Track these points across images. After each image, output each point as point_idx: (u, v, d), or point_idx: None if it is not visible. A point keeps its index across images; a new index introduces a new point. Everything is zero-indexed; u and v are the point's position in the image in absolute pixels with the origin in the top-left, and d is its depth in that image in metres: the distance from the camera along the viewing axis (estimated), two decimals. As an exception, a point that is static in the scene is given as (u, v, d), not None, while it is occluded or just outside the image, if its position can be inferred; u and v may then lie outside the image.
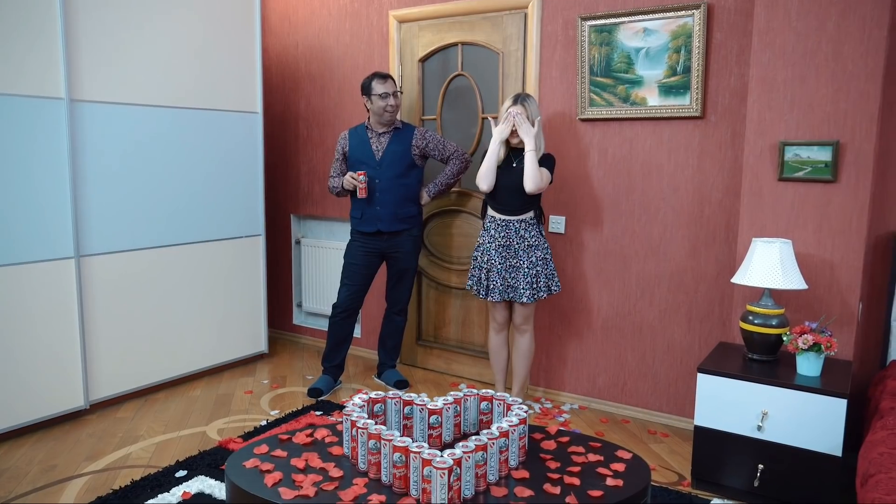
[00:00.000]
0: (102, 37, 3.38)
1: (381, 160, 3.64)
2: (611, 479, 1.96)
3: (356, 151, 3.69)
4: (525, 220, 3.27)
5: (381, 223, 3.66)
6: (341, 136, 3.79)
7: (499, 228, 3.30)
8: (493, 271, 3.31)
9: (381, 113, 3.60)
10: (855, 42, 2.69)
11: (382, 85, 3.58)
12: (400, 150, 3.65)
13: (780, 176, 2.87)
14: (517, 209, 3.27)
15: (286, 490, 1.87)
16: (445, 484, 1.75)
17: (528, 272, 3.25)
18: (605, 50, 3.38)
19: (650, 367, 3.48)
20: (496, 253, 3.29)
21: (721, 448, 2.69)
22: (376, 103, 3.59)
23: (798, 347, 2.60)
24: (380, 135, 3.67)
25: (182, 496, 2.65)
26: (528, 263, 3.25)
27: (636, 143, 3.39)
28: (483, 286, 3.36)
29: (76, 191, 3.32)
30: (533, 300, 3.28)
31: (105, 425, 3.35)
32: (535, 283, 3.26)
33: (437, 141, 3.71)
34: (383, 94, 3.57)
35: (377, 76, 3.60)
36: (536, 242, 3.27)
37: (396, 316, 3.93)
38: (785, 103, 2.84)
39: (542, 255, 3.28)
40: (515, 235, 3.27)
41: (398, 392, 2.26)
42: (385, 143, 3.66)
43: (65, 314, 3.32)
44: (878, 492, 1.91)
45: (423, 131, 3.71)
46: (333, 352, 3.83)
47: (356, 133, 3.74)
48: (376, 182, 3.63)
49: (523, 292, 3.26)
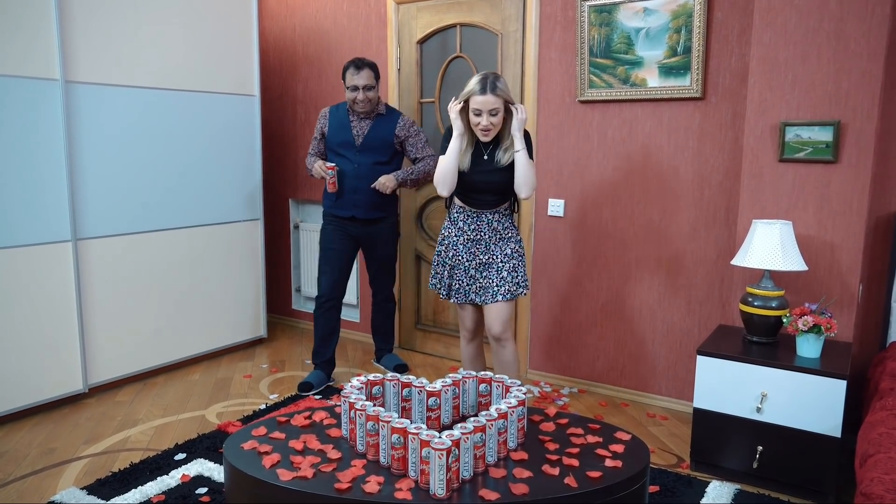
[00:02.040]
0: (98, 18, 3.34)
1: (361, 146, 3.47)
2: (609, 461, 1.96)
3: (335, 134, 3.50)
4: (499, 211, 2.87)
5: (358, 210, 3.49)
6: (322, 113, 3.60)
7: (468, 220, 2.87)
8: (459, 269, 2.90)
9: (350, 104, 3.45)
10: (857, 20, 2.65)
11: (355, 76, 3.36)
12: (381, 137, 3.48)
13: (781, 157, 2.85)
14: (492, 204, 2.85)
15: (284, 471, 1.87)
16: (444, 465, 1.75)
17: (502, 266, 2.84)
18: (605, 30, 3.34)
19: (649, 350, 3.48)
20: (464, 248, 2.88)
21: (720, 430, 2.69)
22: (347, 94, 3.42)
23: (798, 329, 2.59)
24: (362, 118, 3.49)
25: (181, 479, 2.65)
26: (503, 257, 2.85)
27: (636, 124, 3.36)
28: (445, 285, 2.96)
29: (72, 173, 3.30)
30: (511, 297, 2.83)
31: (104, 409, 3.35)
32: (512, 278, 2.84)
33: (419, 138, 3.55)
34: (353, 87, 3.37)
35: (353, 64, 3.39)
36: (509, 234, 2.88)
37: (386, 303, 3.83)
38: (786, 83, 2.81)
39: (516, 248, 2.88)
40: (487, 228, 2.85)
41: (396, 374, 2.25)
42: (366, 129, 3.47)
43: (63, 298, 3.31)
44: (877, 471, 1.91)
45: (408, 122, 3.54)
46: (322, 346, 3.66)
47: (337, 113, 3.54)
48: (355, 166, 3.45)
49: (498, 289, 2.83)
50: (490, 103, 2.65)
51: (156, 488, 2.58)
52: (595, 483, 1.84)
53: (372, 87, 3.40)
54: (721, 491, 2.61)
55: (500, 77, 2.71)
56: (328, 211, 3.58)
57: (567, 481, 1.84)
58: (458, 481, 1.82)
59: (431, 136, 4.05)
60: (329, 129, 3.54)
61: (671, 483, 2.66)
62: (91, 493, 2.54)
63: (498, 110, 2.67)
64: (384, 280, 3.76)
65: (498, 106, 2.66)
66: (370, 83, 3.39)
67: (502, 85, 2.68)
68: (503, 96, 2.67)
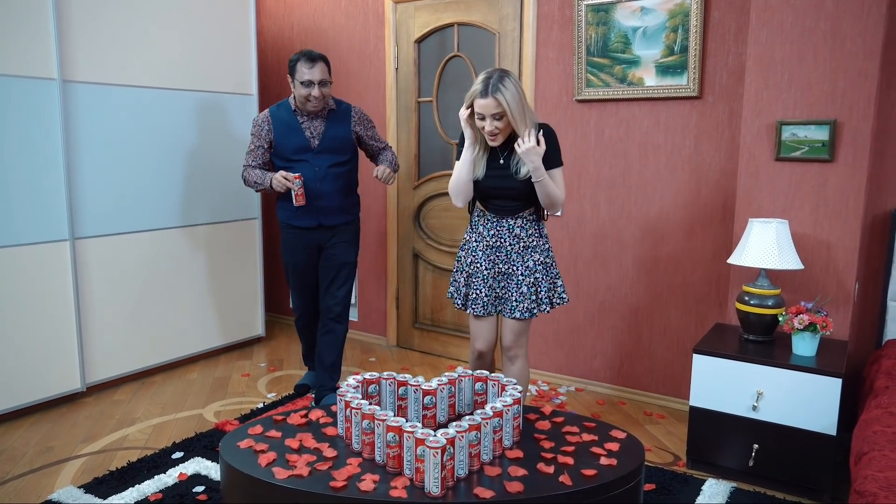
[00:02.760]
0: (95, 17, 3.34)
1: (318, 147, 3.12)
2: (604, 459, 1.96)
3: (286, 139, 3.11)
4: (523, 216, 2.58)
5: (325, 217, 3.17)
6: (260, 118, 3.15)
7: (488, 225, 2.60)
8: (478, 277, 2.62)
9: (302, 102, 3.06)
10: (854, 19, 2.66)
11: (309, 70, 3.00)
12: (340, 135, 3.16)
13: (777, 156, 2.85)
14: (513, 210, 2.58)
15: (280, 470, 1.87)
16: (439, 463, 1.75)
17: (522, 280, 2.56)
18: (602, 30, 3.34)
19: (647, 348, 3.48)
20: (483, 255, 2.61)
21: (716, 428, 2.70)
22: (298, 89, 3.04)
23: (793, 328, 2.59)
24: (312, 118, 3.13)
25: (178, 477, 2.65)
26: (524, 269, 2.56)
27: (633, 123, 3.37)
28: (461, 294, 2.68)
29: (70, 172, 3.30)
30: (529, 315, 2.57)
31: (102, 407, 3.36)
32: (533, 294, 2.57)
33: (374, 129, 3.32)
34: (306, 83, 3.01)
35: (305, 56, 3.03)
36: (535, 243, 2.58)
37: (335, 324, 3.28)
38: (782, 82, 2.82)
39: (542, 259, 2.58)
40: (509, 235, 2.57)
41: (392, 373, 2.25)
42: (321, 128, 3.13)
43: (61, 297, 3.32)
44: (871, 469, 1.92)
45: (361, 113, 3.26)
46: (311, 351, 3.58)
47: (279, 116, 3.14)
48: (315, 170, 3.11)
49: (516, 305, 2.56)
50: (491, 107, 2.37)
51: (153, 487, 2.58)
52: (589, 481, 1.84)
53: (327, 83, 3.07)
54: (717, 489, 2.62)
55: (508, 75, 2.41)
56: (286, 221, 3.23)
57: (562, 479, 1.84)
58: (453, 479, 1.82)
59: (429, 134, 4.06)
60: (276, 135, 3.14)
61: (667, 481, 2.66)
62: (88, 492, 2.55)
63: (502, 114, 2.38)
64: (338, 292, 3.27)
65: (500, 109, 2.37)
66: (326, 78, 3.05)
67: (508, 85, 2.37)
68: (505, 98, 2.36)
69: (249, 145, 3.21)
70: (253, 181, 3.17)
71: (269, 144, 3.17)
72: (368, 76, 4.23)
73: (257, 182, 3.15)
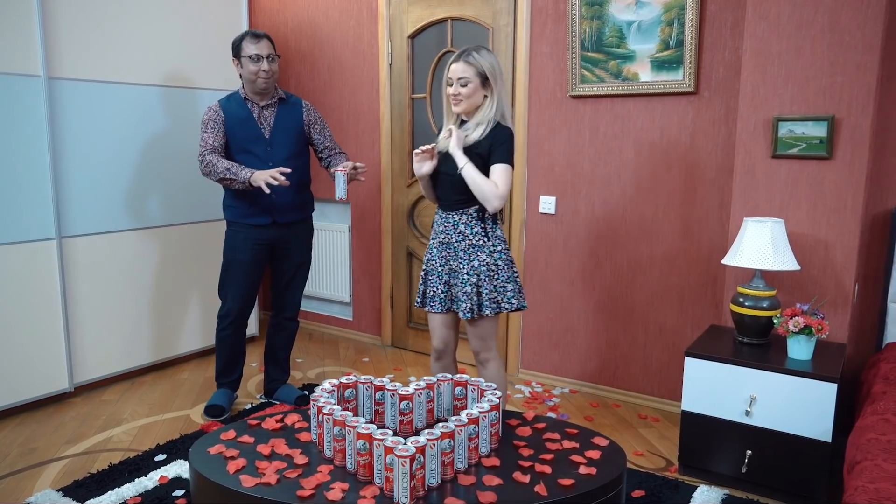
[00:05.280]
0: (82, 11, 3.30)
1: (271, 138, 3.07)
2: (584, 468, 1.90)
3: (237, 128, 3.04)
4: (468, 213, 2.53)
5: (278, 213, 3.09)
6: (211, 108, 3.07)
7: (440, 221, 2.60)
8: (433, 274, 2.62)
9: (252, 79, 3.00)
10: (852, 11, 2.57)
11: (255, 45, 2.98)
12: (292, 126, 3.11)
13: (774, 153, 2.77)
14: (458, 204, 2.54)
15: (247, 477, 1.83)
16: (407, 472, 1.69)
17: (466, 279, 2.51)
18: (597, 24, 3.26)
19: (641, 350, 3.41)
20: (437, 252, 2.60)
21: (709, 433, 2.62)
22: (247, 66, 2.99)
23: (788, 330, 2.51)
24: (262, 107, 3.07)
25: (159, 480, 2.61)
26: (469, 268, 2.51)
27: (628, 120, 3.29)
28: (420, 291, 2.69)
29: (56, 170, 3.26)
30: (471, 315, 2.51)
31: (89, 408, 3.33)
32: (475, 296, 2.51)
33: (326, 125, 3.23)
34: (255, 57, 2.97)
35: (250, 34, 3.00)
36: (481, 242, 2.51)
37: (291, 322, 3.33)
38: (779, 77, 2.73)
39: (489, 260, 2.50)
40: (454, 231, 2.53)
41: (370, 377, 2.20)
42: (272, 118, 3.07)
43: (47, 296, 3.29)
44: (862, 479, 1.84)
45: (312, 107, 3.21)
46: (230, 366, 3.28)
47: (231, 105, 3.07)
48: (269, 164, 3.00)
49: (460, 304, 2.53)
50: (458, 72, 2.43)
51: (132, 490, 2.54)
52: (566, 491, 1.78)
53: (275, 59, 3.04)
54: (709, 496, 2.54)
55: (486, 50, 2.47)
56: (236, 219, 3.12)
57: (537, 489, 1.78)
58: (423, 489, 1.76)
59: (423, 131, 3.99)
60: (227, 122, 3.04)
61: (658, 487, 2.59)
62: (67, 495, 2.51)
63: (468, 81, 2.42)
64: (295, 293, 3.29)
65: (468, 76, 2.42)
66: (273, 52, 3.02)
67: (480, 56, 2.43)
68: (475, 65, 2.42)
69: (202, 135, 3.05)
70: (222, 168, 2.95)
71: (224, 133, 3.06)
72: (362, 72, 4.17)
73: (229, 170, 2.94)
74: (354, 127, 4.26)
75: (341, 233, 4.43)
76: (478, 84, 2.45)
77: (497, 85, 2.47)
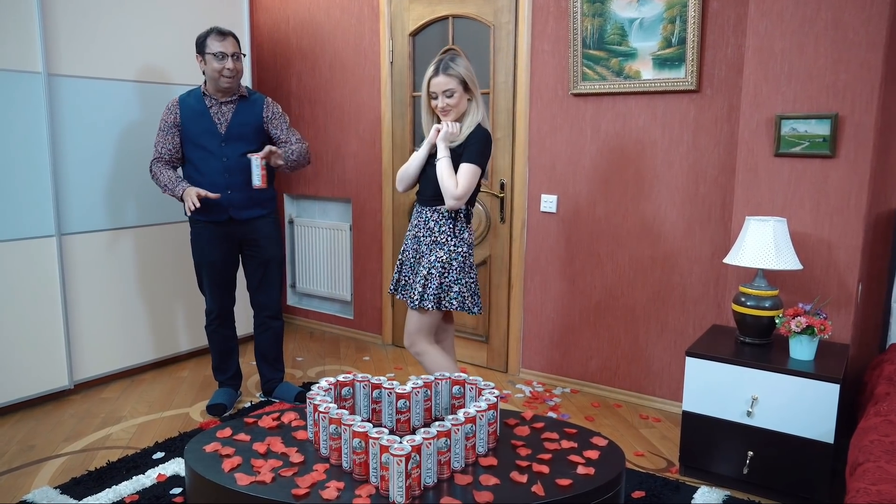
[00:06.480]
0: (82, 8, 3.30)
1: (226, 134, 3.03)
2: (582, 468, 1.88)
3: (192, 122, 3.01)
4: (439, 210, 2.62)
5: (235, 210, 3.06)
6: (170, 104, 3.06)
7: (415, 214, 2.73)
8: (406, 264, 2.74)
9: (215, 77, 2.96)
10: (856, 8, 2.54)
11: (220, 43, 2.94)
12: (249, 123, 3.07)
13: (777, 151, 2.75)
14: (430, 200, 2.66)
15: (242, 476, 1.81)
16: (403, 471, 1.68)
17: (420, 271, 2.63)
18: (598, 21, 3.24)
19: (643, 350, 3.38)
20: (410, 243, 2.73)
21: (710, 434, 2.60)
22: (210, 64, 2.95)
23: (790, 330, 2.49)
24: (221, 103, 3.03)
25: (157, 478, 2.60)
26: (427, 262, 2.61)
27: (630, 118, 3.27)
28: (394, 280, 2.80)
29: (56, 167, 3.26)
30: (412, 305, 2.63)
31: (88, 405, 3.32)
32: (421, 287, 2.61)
33: (284, 120, 3.18)
34: (219, 55, 2.93)
35: (215, 31, 2.96)
36: (444, 240, 2.60)
37: (273, 321, 3.30)
38: (782, 75, 2.71)
39: (447, 258, 2.59)
40: (424, 226, 2.66)
41: (367, 375, 2.18)
42: (229, 115, 3.04)
43: (47, 293, 3.28)
44: (864, 481, 1.82)
45: (272, 103, 3.17)
46: (223, 363, 3.32)
47: (189, 100, 3.05)
48: (223, 161, 3.01)
49: (411, 293, 2.67)
50: (441, 85, 2.54)
51: (130, 488, 2.53)
52: (563, 492, 1.76)
53: (240, 57, 3.02)
54: (709, 497, 2.52)
55: (458, 57, 2.60)
56: (197, 217, 3.06)
57: (534, 490, 1.76)
58: (419, 488, 1.75)
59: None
60: (182, 118, 3.03)
61: (658, 488, 2.57)
62: (64, 493, 2.50)
63: (453, 91, 2.54)
64: (270, 291, 3.25)
65: (451, 87, 2.54)
66: (238, 51, 3.00)
67: (457, 65, 2.55)
68: (455, 76, 2.54)
69: (155, 139, 3.08)
70: (163, 183, 3.02)
71: (178, 130, 3.06)
72: (363, 70, 4.15)
73: (167, 185, 3.00)
74: (356, 125, 4.24)
75: (342, 231, 4.42)
76: (461, 91, 2.57)
77: (476, 87, 2.62)
